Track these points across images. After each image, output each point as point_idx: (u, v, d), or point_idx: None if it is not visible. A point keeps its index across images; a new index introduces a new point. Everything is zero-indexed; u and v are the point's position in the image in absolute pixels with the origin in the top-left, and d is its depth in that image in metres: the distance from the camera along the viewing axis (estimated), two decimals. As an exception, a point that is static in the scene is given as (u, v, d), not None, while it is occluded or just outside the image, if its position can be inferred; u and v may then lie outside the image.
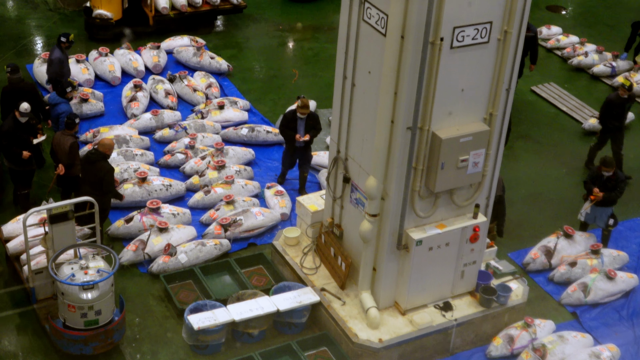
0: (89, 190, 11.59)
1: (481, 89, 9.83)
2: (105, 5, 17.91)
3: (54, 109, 13.70)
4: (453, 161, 9.83)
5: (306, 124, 13.42)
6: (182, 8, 18.43)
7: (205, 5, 18.83)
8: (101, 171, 11.85)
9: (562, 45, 19.22)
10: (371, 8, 9.53)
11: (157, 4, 18.26)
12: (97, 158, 11.90)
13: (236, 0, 19.09)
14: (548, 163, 15.52)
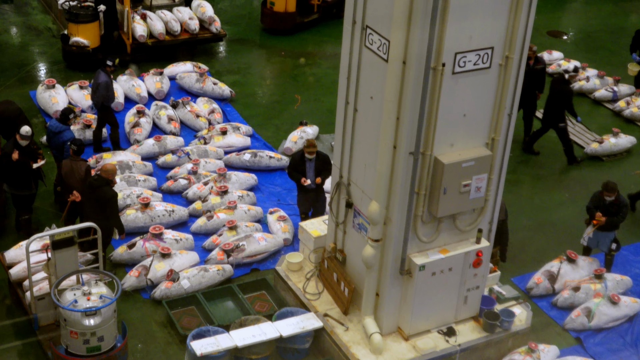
0: (92, 216, 11.60)
1: (483, 114, 9.85)
2: (82, 32, 17.83)
3: (58, 136, 13.61)
4: (455, 186, 9.83)
5: (315, 166, 12.87)
6: (159, 36, 18.33)
7: (184, 34, 18.73)
8: (105, 197, 11.88)
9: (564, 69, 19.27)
10: (373, 34, 9.58)
11: (134, 32, 18.15)
12: (100, 184, 11.92)
13: (215, 29, 18.99)
14: (550, 187, 15.52)
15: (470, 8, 9.06)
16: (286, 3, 20.17)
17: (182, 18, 18.77)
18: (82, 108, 16.14)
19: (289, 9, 20.26)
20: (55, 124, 13.69)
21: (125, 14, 17.92)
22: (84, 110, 16.11)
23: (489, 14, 9.23)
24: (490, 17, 9.26)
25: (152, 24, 18.32)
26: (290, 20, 20.36)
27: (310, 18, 20.83)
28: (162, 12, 18.74)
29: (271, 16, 20.38)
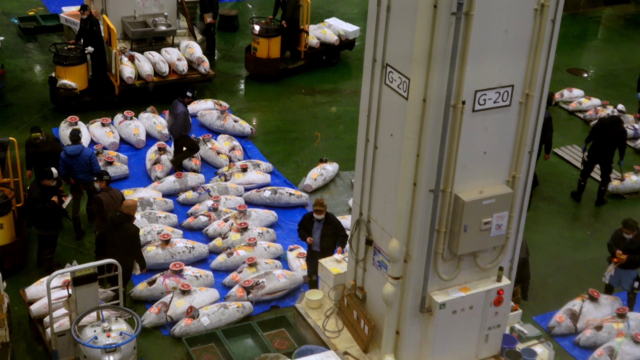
0: (114, 252, 11.66)
1: (504, 152, 9.84)
2: (69, 75, 17.69)
3: (80, 157, 13.76)
4: (476, 224, 9.80)
5: (323, 230, 12.40)
6: (147, 77, 18.12)
7: (173, 75, 18.56)
8: (128, 233, 11.96)
9: (584, 107, 19.27)
10: (393, 72, 9.63)
11: (122, 73, 17.90)
12: (122, 220, 12.00)
13: (204, 70, 18.81)
14: (571, 225, 15.44)
15: (490, 47, 9.10)
16: (269, 49, 19.80)
17: (170, 59, 18.60)
18: (104, 145, 16.26)
19: (272, 54, 19.88)
20: (71, 147, 13.80)
21: (113, 56, 17.77)
22: (105, 148, 16.22)
23: (509, 52, 9.26)
24: (511, 56, 9.29)
25: (140, 66, 18.14)
26: (274, 66, 19.96)
27: (296, 64, 20.47)
28: (150, 53, 18.57)
29: (254, 62, 20.02)
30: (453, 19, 8.74)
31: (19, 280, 12.90)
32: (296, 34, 20.32)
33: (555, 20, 9.37)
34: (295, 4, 19.97)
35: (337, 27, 21.27)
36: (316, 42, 20.71)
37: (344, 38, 21.15)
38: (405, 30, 9.29)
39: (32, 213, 12.87)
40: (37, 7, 23.28)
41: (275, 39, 19.82)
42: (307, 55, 20.62)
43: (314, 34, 20.80)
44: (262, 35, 19.68)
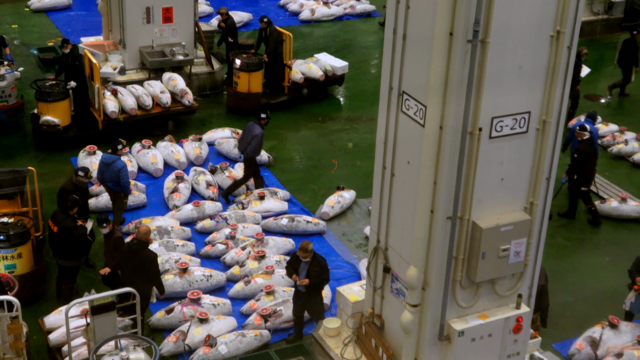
0: (132, 279, 11.73)
1: (521, 178, 9.82)
2: (52, 111, 17.43)
3: (111, 167, 14.40)
4: (494, 250, 9.76)
5: (309, 269, 12.15)
6: (131, 111, 17.88)
7: (156, 108, 18.31)
8: (147, 260, 12.06)
9: (602, 133, 19.21)
10: (409, 100, 9.65)
11: (105, 108, 17.62)
12: (140, 247, 12.09)
13: (188, 102, 18.54)
14: (591, 251, 15.36)
15: (506, 74, 9.11)
16: (249, 83, 19.49)
17: (153, 92, 18.39)
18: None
19: (253, 89, 19.56)
20: (107, 155, 14.56)
21: (96, 91, 17.50)
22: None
23: (526, 79, 9.27)
24: (527, 82, 9.30)
25: (123, 100, 17.90)
26: (254, 101, 19.52)
27: (278, 100, 20.00)
28: (132, 87, 18.42)
29: (234, 96, 19.75)
30: (469, 47, 8.76)
31: (38, 309, 12.94)
32: (279, 69, 19.92)
33: (571, 46, 9.38)
34: (277, 38, 19.60)
35: (325, 62, 20.78)
36: (300, 77, 20.20)
37: (330, 73, 20.64)
38: (422, 58, 9.32)
39: (65, 243, 12.91)
40: (56, 37, 23.52)
41: (256, 73, 19.50)
42: (290, 90, 20.11)
43: (298, 69, 20.32)
44: (243, 69, 19.34)
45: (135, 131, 17.89)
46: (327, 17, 25.78)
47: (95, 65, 17.40)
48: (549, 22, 9.16)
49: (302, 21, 25.62)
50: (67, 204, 12.96)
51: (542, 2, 9.01)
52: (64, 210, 12.94)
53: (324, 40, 24.46)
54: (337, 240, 15.25)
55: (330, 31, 25.18)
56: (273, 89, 20.17)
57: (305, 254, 12.08)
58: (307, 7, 25.94)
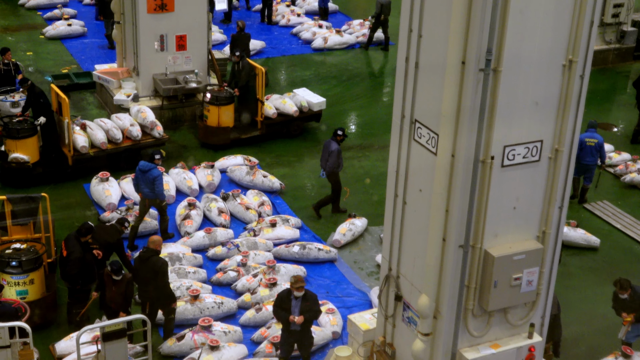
0: (144, 289, 12.23)
1: (533, 207, 9.81)
2: (20, 148, 17.03)
3: (147, 174, 14.89)
4: (506, 279, 9.73)
5: (302, 306, 11.96)
6: (102, 145, 17.52)
7: (126, 141, 17.95)
8: (155, 266, 12.30)
9: (614, 162, 19.18)
10: (422, 128, 9.67)
11: (75, 143, 17.26)
12: (149, 255, 12.36)
13: (158, 134, 18.26)
14: (603, 280, 15.27)
15: (518, 103, 9.13)
16: (219, 117, 19.03)
17: (123, 125, 18.07)
18: (135, 201, 16.39)
19: (223, 123, 19.07)
20: (144, 163, 14.98)
21: (65, 126, 17.09)
22: (136, 203, 16.34)
23: (538, 108, 9.28)
24: (539, 111, 9.31)
25: (92, 134, 17.56)
26: (224, 135, 19.10)
27: (250, 135, 19.49)
28: (101, 120, 18.13)
29: (204, 130, 19.27)
30: (481, 75, 8.79)
31: (49, 336, 12.94)
32: (252, 103, 19.53)
33: (583, 75, 9.40)
34: (249, 72, 19.26)
35: (302, 97, 20.15)
36: (273, 113, 19.53)
37: (306, 109, 20.01)
38: (434, 87, 9.35)
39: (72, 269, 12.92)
40: (71, 64, 23.72)
41: (227, 107, 19.05)
42: (263, 125, 19.57)
43: (273, 104, 19.76)
44: (213, 103, 18.92)
45: (106, 165, 17.54)
46: (340, 46, 25.90)
47: (65, 100, 16.95)
48: (561, 51, 9.19)
49: (315, 49, 25.74)
50: (82, 230, 13.00)
51: (554, 31, 9.04)
52: (77, 236, 12.98)
53: (336, 68, 24.57)
54: (349, 268, 15.23)
55: (343, 59, 25.29)
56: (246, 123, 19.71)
57: (302, 284, 11.91)
58: (320, 35, 26.07)
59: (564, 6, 9.00)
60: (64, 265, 13.03)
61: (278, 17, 27.62)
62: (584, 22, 9.09)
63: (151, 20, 19.25)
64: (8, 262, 12.96)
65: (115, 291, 12.40)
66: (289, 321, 11.91)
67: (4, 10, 27.93)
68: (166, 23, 19.40)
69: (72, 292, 13.15)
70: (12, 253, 13.13)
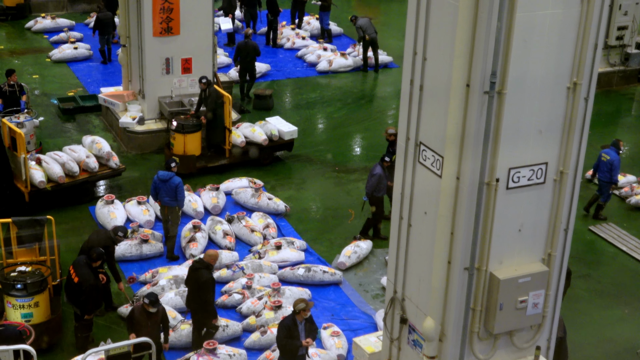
0: (190, 299, 12.68)
1: (539, 229, 9.80)
2: None
3: (168, 183, 15.31)
4: (512, 302, 9.71)
5: (307, 329, 12.03)
6: (59, 179, 16.97)
7: (83, 173, 17.51)
8: (200, 279, 12.49)
9: (620, 184, 19.14)
10: (427, 150, 9.69)
11: (32, 179, 16.66)
12: (200, 266, 12.63)
13: (115, 164, 17.93)
14: (609, 303, 15.22)
15: (523, 125, 9.15)
16: (184, 145, 18.68)
17: (78, 157, 17.60)
18: (140, 223, 16.42)
19: (189, 151, 18.72)
20: (164, 173, 15.40)
21: (21, 161, 16.43)
22: (141, 225, 16.38)
23: (543, 130, 9.29)
24: (544, 134, 9.32)
25: (49, 168, 17.00)
26: (190, 164, 18.70)
27: (217, 163, 19.12)
28: (55, 153, 17.55)
29: (170, 157, 17.96)
30: (486, 98, 8.82)
31: (54, 359, 12.93)
32: (219, 131, 19.10)
33: (588, 98, 9.42)
34: (216, 100, 18.80)
35: (273, 126, 19.78)
36: (241, 141, 19.17)
37: (276, 138, 19.60)
38: (438, 109, 9.38)
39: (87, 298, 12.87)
40: (77, 87, 23.82)
41: (193, 135, 18.75)
42: (231, 153, 19.17)
43: (242, 132, 19.47)
44: (179, 131, 18.62)
45: (64, 199, 17.19)
46: (345, 68, 25.98)
47: (20, 135, 16.38)
48: (565, 74, 9.22)
49: (320, 72, 25.82)
50: (92, 256, 13.00)
51: (558, 54, 9.07)
52: (88, 262, 12.97)
53: (341, 91, 24.63)
54: (354, 291, 15.20)
55: (348, 82, 25.36)
56: (217, 151, 19.38)
57: (306, 310, 11.87)
58: (325, 58, 26.16)
59: (568, 29, 9.03)
60: (72, 291, 12.99)
61: (283, 40, 27.72)
62: (588, 45, 9.13)
63: (157, 43, 19.34)
64: (13, 285, 12.97)
65: (151, 325, 12.14)
66: (306, 345, 11.84)
67: (10, 34, 28.10)
68: (172, 46, 19.49)
69: (78, 317, 13.13)
70: (17, 275, 13.14)
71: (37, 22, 28.21)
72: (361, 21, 25.55)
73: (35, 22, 28.23)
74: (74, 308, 13.10)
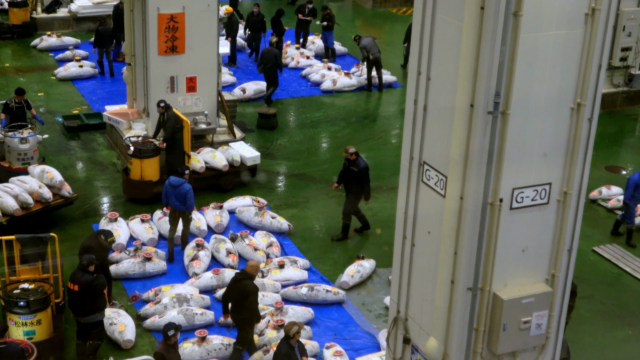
0: (234, 309, 12.98)
1: (542, 250, 9.79)
2: None
3: (178, 189, 15.82)
4: (515, 323, 9.68)
5: (299, 347, 12.31)
6: (16, 212, 16.44)
7: (37, 204, 16.97)
8: (245, 289, 12.78)
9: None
10: (430, 170, 9.70)
11: None
12: (243, 277, 12.96)
13: (68, 193, 17.46)
14: (613, 324, 15.18)
15: (527, 146, 9.16)
16: (141, 170, 18.18)
17: (31, 188, 16.99)
18: (143, 241, 16.42)
19: (146, 177, 18.21)
20: (175, 178, 15.93)
21: None
22: (144, 244, 16.38)
23: (547, 151, 9.30)
24: (548, 154, 9.33)
25: (2, 202, 16.47)
26: (147, 189, 18.25)
27: None
28: (6, 186, 16.93)
29: (127, 183, 18.45)
30: (489, 118, 8.83)
31: (56, 377, 12.91)
32: (178, 156, 18.43)
33: (592, 118, 9.43)
34: (174, 124, 18.25)
35: (236, 152, 19.34)
36: (201, 167, 18.73)
37: (237, 164, 19.14)
38: (442, 129, 9.40)
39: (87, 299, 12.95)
40: (81, 105, 23.89)
41: (150, 160, 18.22)
42: (191, 179, 17.77)
43: (202, 158, 19.03)
44: (135, 155, 18.15)
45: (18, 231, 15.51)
46: (349, 88, 26.03)
47: None
48: (569, 95, 9.24)
49: (324, 91, 25.88)
50: (82, 263, 13.03)
51: (562, 74, 9.10)
52: (82, 269, 12.99)
53: (345, 110, 24.68)
54: (357, 310, 15.17)
55: (352, 101, 25.42)
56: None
57: (299, 332, 12.03)
58: (329, 77, 26.23)
59: (572, 50, 9.06)
60: (75, 302, 12.99)
61: (287, 59, 27.81)
62: (592, 66, 9.15)
63: (162, 62, 19.42)
64: (16, 302, 12.97)
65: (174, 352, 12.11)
66: None
67: (16, 52, 28.22)
68: (177, 65, 19.57)
69: (85, 326, 13.09)
70: (20, 293, 13.14)
71: (43, 40, 28.34)
72: (365, 41, 25.62)
73: (40, 40, 28.36)
74: (83, 319, 13.05)
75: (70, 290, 12.99)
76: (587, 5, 8.94)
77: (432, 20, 9.40)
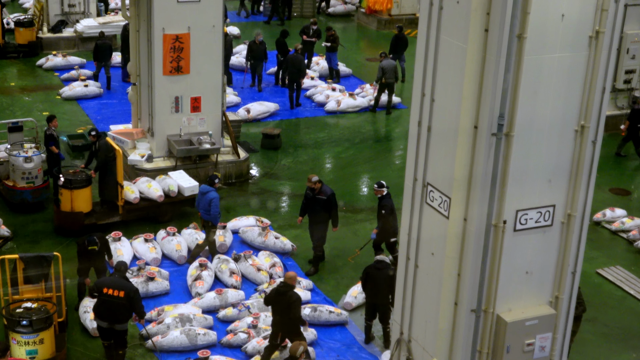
0: (279, 319, 13.34)
1: (546, 272, 9.78)
2: None
3: (205, 196, 16.35)
4: (519, 345, 9.66)
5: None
6: None
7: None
8: (290, 299, 13.31)
9: (627, 227, 19.09)
10: (434, 191, 9.71)
11: None
12: (286, 289, 13.36)
13: (6, 232, 17.21)
14: (617, 347, 15.11)
15: (531, 168, 9.17)
16: (72, 201, 17.50)
17: None
18: (147, 261, 16.42)
19: (76, 208, 17.52)
20: (204, 186, 16.54)
21: None
22: (148, 263, 16.37)
23: (550, 173, 9.31)
24: (552, 176, 9.34)
25: None
26: (78, 221, 17.54)
27: (108, 220, 17.88)
28: None
29: (57, 214, 17.78)
30: (493, 140, 8.85)
31: (58, 396, 12.87)
32: (111, 186, 17.99)
33: (595, 141, 9.45)
34: (106, 153, 17.88)
35: (173, 181, 18.61)
36: (135, 197, 18.02)
37: (174, 194, 18.42)
38: (446, 150, 9.41)
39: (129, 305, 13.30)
40: (86, 125, 23.94)
41: (80, 191, 17.54)
42: (124, 210, 17.95)
43: (137, 187, 18.33)
44: (66, 186, 17.42)
45: None
46: (353, 109, 26.08)
47: None
48: (573, 117, 9.26)
49: (328, 112, 25.93)
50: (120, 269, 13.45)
51: (566, 97, 9.12)
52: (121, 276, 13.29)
53: (349, 131, 24.72)
54: (360, 331, 15.12)
55: (356, 122, 25.46)
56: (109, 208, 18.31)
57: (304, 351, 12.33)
58: (333, 98, 26.28)
59: (576, 72, 9.09)
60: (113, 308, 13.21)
61: (292, 80, 27.85)
62: (596, 88, 9.18)
63: (167, 82, 19.48)
64: (18, 321, 12.95)
65: None
66: None
67: (22, 71, 28.34)
68: (181, 85, 19.63)
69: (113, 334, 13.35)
70: (22, 312, 13.13)
71: (49, 59, 28.45)
72: (385, 62, 25.48)
73: (46, 60, 28.47)
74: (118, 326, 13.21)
75: (111, 297, 13.08)
76: (591, 28, 8.98)
77: (436, 42, 9.44)
